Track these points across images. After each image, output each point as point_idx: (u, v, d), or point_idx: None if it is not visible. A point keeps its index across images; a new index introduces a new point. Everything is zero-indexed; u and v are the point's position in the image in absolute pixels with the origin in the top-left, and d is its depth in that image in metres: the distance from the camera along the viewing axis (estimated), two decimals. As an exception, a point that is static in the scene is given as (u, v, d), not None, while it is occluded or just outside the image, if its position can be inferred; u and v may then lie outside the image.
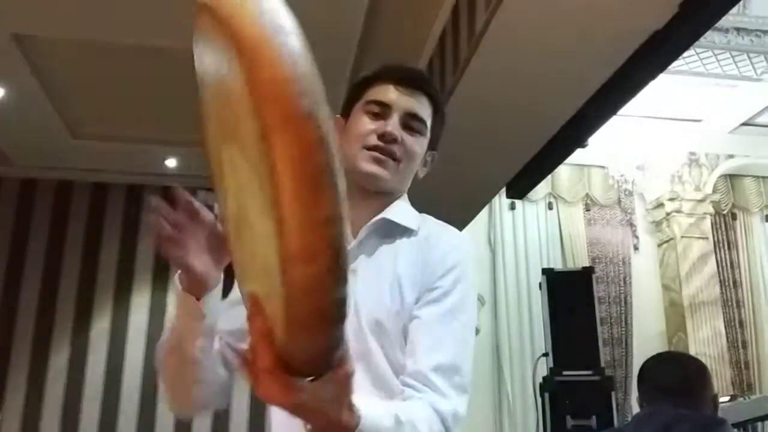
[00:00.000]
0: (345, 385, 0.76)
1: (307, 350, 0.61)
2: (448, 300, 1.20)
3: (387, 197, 1.34)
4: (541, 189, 6.90)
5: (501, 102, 3.56)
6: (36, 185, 5.45)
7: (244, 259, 0.71)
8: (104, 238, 5.46)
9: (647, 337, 7.00)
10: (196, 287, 1.12)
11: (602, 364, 4.98)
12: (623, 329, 7.13)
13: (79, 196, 5.45)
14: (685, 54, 6.50)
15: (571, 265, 6.83)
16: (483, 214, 7.05)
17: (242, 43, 0.50)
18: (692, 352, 6.41)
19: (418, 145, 1.34)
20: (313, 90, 0.51)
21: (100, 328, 5.35)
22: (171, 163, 5.14)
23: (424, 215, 1.38)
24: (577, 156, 6.11)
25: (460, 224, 5.33)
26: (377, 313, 1.20)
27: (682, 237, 7.04)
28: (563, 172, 7.04)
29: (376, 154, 1.28)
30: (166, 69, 3.98)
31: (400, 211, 1.33)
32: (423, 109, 1.34)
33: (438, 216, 1.38)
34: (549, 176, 6.98)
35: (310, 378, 0.68)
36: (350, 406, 0.81)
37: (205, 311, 1.13)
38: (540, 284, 5.29)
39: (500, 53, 3.21)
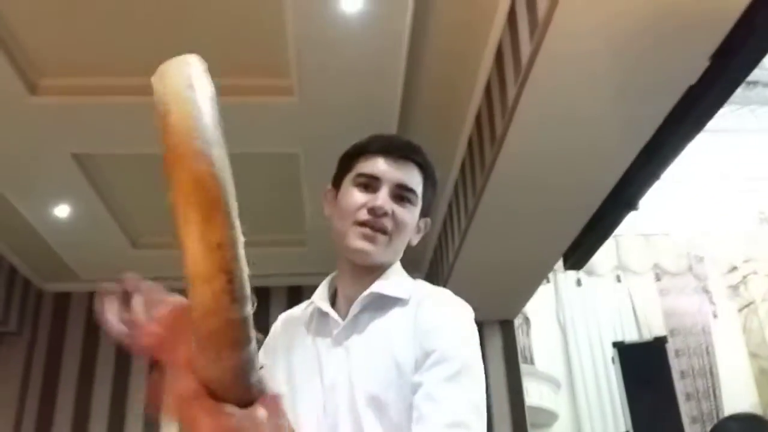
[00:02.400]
0: (276, 409, 0.73)
1: (220, 374, 0.62)
2: (453, 362, 1.16)
3: (378, 270, 1.33)
4: (608, 262, 6.77)
5: (542, 174, 3.52)
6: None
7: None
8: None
9: (739, 410, 6.59)
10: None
11: (688, 440, 4.70)
12: (713, 404, 6.76)
13: (144, 305, 5.59)
14: (740, 112, 6.43)
15: (646, 338, 6.57)
16: (549, 294, 6.93)
17: (161, 97, 0.60)
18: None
19: (409, 215, 1.34)
20: (208, 133, 0.59)
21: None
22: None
23: (419, 281, 1.37)
24: (641, 225, 6.00)
25: (520, 301, 5.23)
26: (372, 388, 1.18)
27: (763, 300, 6.72)
28: (628, 243, 6.89)
29: (366, 230, 1.29)
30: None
31: (392, 282, 1.32)
32: (413, 178, 1.35)
33: (496, 296, 1.35)
34: (614, 249, 6.86)
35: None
36: None
37: None
38: (612, 359, 5.10)
39: (534, 125, 3.20)
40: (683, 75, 2.91)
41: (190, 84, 0.62)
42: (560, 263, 4.82)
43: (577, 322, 6.78)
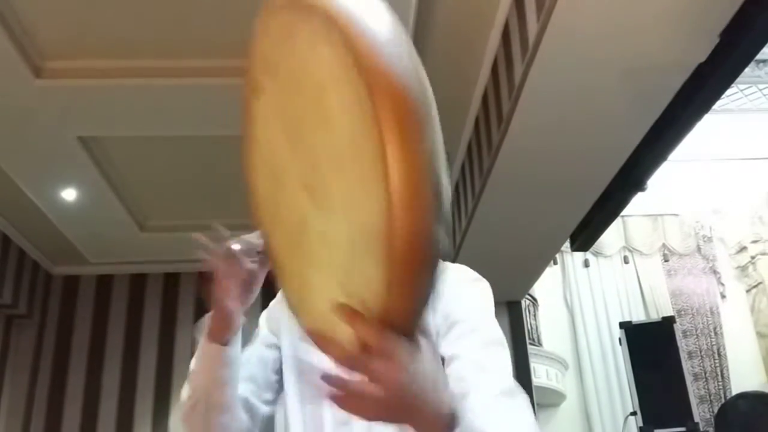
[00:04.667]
0: (432, 348, 0.74)
1: (411, 306, 0.61)
2: (484, 331, 1.15)
3: None
4: (615, 243, 6.75)
5: (550, 153, 3.51)
6: (111, 281, 5.69)
7: (306, 265, 0.73)
8: (178, 325, 5.60)
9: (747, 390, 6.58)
10: (223, 331, 1.15)
11: (696, 419, 4.69)
12: (720, 384, 6.75)
13: (152, 288, 5.66)
14: (749, 91, 6.37)
15: (654, 318, 6.55)
16: (556, 274, 6.92)
17: (338, 20, 0.58)
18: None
19: None
20: (408, 51, 0.59)
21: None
22: (237, 246, 5.25)
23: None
24: (649, 205, 5.98)
25: (527, 282, 5.22)
26: None
27: (771, 280, 6.70)
28: (636, 223, 6.87)
29: None
30: (224, 156, 4.12)
31: None
32: None
33: (504, 278, 1.33)
34: (622, 229, 6.83)
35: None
36: (447, 391, 0.78)
37: (232, 356, 1.16)
38: (619, 339, 5.08)
39: (541, 105, 3.18)
40: (693, 53, 2.88)
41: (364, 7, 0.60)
42: (567, 244, 4.81)
43: (584, 302, 6.78)
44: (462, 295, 1.19)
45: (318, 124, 0.64)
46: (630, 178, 3.75)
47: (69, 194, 4.55)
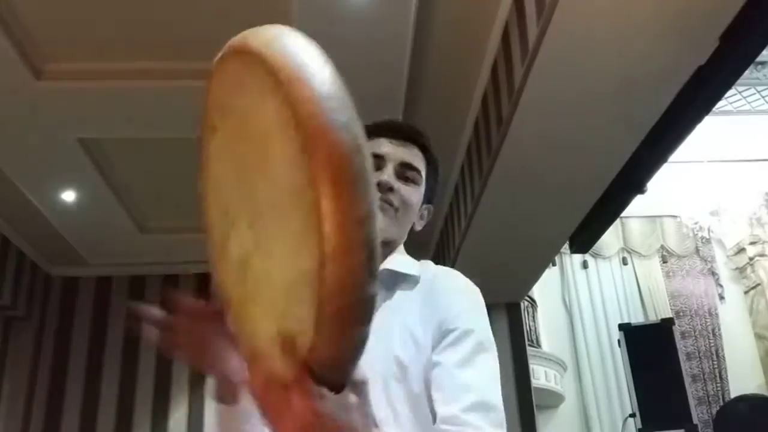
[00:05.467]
0: (364, 395, 0.72)
1: (335, 354, 0.62)
2: (467, 341, 1.17)
3: (386, 247, 1.33)
4: (613, 244, 6.76)
5: (550, 155, 3.51)
6: (110, 282, 5.67)
7: (249, 298, 0.73)
8: (177, 328, 5.59)
9: (746, 392, 6.59)
10: (232, 391, 1.06)
11: (695, 421, 4.70)
12: (718, 385, 6.76)
13: (151, 290, 5.63)
14: (747, 93, 6.38)
15: (652, 320, 6.56)
16: (555, 276, 6.93)
17: (279, 74, 0.59)
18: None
19: (414, 194, 1.35)
20: (346, 106, 0.59)
21: (178, 415, 5.43)
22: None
23: (425, 261, 1.37)
24: (647, 207, 5.99)
25: (526, 284, 5.22)
26: (397, 357, 1.18)
27: (769, 281, 6.71)
28: (634, 225, 6.87)
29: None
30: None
31: (400, 261, 1.33)
32: (416, 159, 1.36)
33: (503, 279, 1.35)
34: (620, 231, 6.84)
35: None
36: (376, 423, 0.76)
37: (250, 408, 1.01)
38: (618, 341, 5.09)
39: (542, 107, 3.18)
40: (693, 55, 2.88)
41: (307, 54, 0.61)
42: (566, 246, 4.82)
43: (583, 304, 6.79)
44: (452, 304, 1.22)
45: (261, 172, 0.66)
46: (629, 180, 3.75)
47: (68, 196, 4.55)
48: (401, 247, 1.38)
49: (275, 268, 0.66)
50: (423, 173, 1.37)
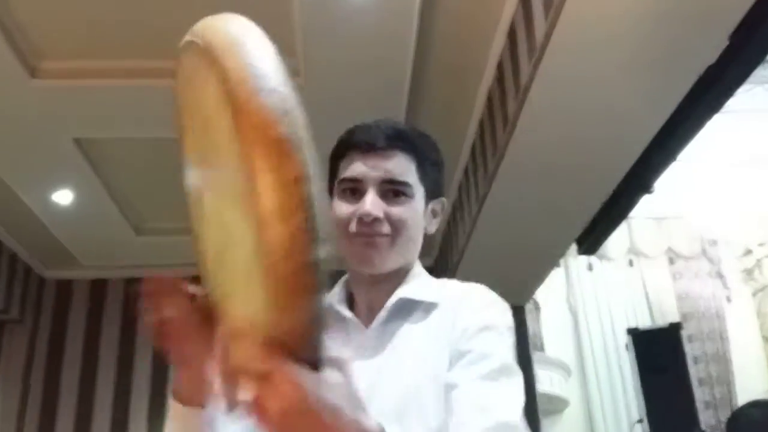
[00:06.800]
0: (347, 373, 0.68)
1: (292, 329, 0.60)
2: (491, 360, 1.06)
3: (398, 274, 1.22)
4: (620, 246, 6.69)
5: (556, 156, 3.44)
6: (105, 285, 5.62)
7: (226, 293, 0.74)
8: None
9: (753, 396, 6.48)
10: (200, 395, 0.98)
11: (703, 427, 4.63)
12: (726, 389, 6.68)
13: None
14: (755, 92, 6.30)
15: (660, 324, 6.48)
16: (560, 278, 6.85)
17: (213, 51, 0.63)
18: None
19: (407, 210, 1.21)
20: (276, 73, 0.61)
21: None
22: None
23: (445, 281, 1.26)
24: (654, 208, 5.91)
25: (531, 286, 5.15)
26: (405, 398, 1.08)
27: (777, 283, 6.63)
28: (641, 226, 6.79)
29: (363, 239, 1.17)
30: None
31: (418, 285, 1.22)
32: (400, 168, 1.21)
33: (507, 282, 1.24)
34: (626, 232, 6.77)
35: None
36: (364, 407, 0.72)
37: (211, 418, 1.00)
38: (626, 345, 5.04)
39: (549, 108, 3.12)
40: (702, 55, 2.85)
41: (241, 30, 0.65)
42: (572, 248, 4.75)
43: (588, 307, 6.71)
44: (474, 322, 1.12)
45: (218, 157, 0.68)
46: (637, 181, 3.73)
47: (63, 196, 4.49)
48: (417, 269, 1.27)
49: (239, 253, 0.65)
50: (414, 180, 1.22)
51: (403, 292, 1.19)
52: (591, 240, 4.41)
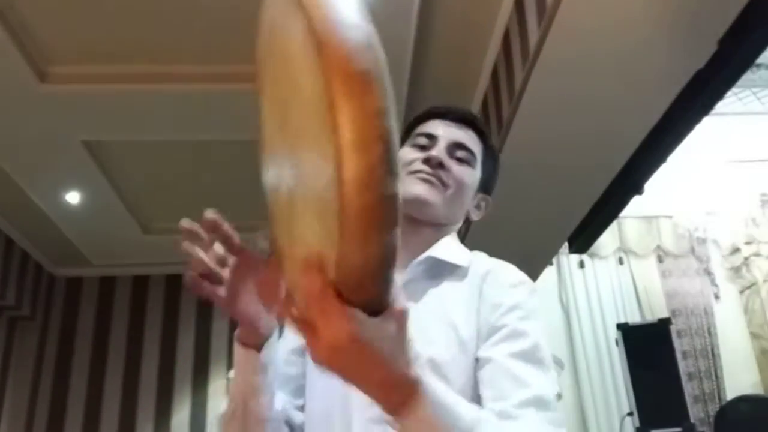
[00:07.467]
0: (403, 325, 0.67)
1: (363, 262, 0.58)
2: (524, 338, 1.07)
3: (436, 231, 1.24)
4: (610, 244, 6.79)
5: (548, 157, 3.55)
6: (114, 282, 5.72)
7: (294, 239, 0.73)
8: (180, 328, 5.62)
9: (741, 390, 6.63)
10: (252, 337, 1.04)
11: (692, 420, 4.75)
12: (714, 383, 6.79)
13: (155, 290, 5.68)
14: (743, 95, 6.43)
15: (649, 320, 6.59)
16: (552, 275, 6.96)
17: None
18: (790, 400, 6.03)
19: (467, 174, 1.26)
20: (360, 11, 0.60)
21: (181, 416, 5.45)
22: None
23: (477, 252, 1.28)
24: (643, 207, 6.03)
25: (526, 284, 5.24)
26: (433, 356, 1.06)
27: (764, 281, 6.75)
28: (630, 225, 6.90)
29: (423, 175, 1.20)
30: (227, 159, 4.17)
31: (449, 248, 1.23)
32: (471, 141, 1.28)
33: None
34: (617, 231, 6.89)
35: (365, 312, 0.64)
36: (411, 358, 0.71)
37: (265, 362, 1.05)
38: (616, 340, 5.14)
39: (542, 109, 3.23)
40: (691, 59, 2.92)
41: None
42: (564, 246, 4.85)
43: (579, 303, 6.81)
44: (510, 299, 1.12)
45: (294, 98, 0.67)
46: (628, 182, 3.80)
47: (73, 197, 4.58)
48: (453, 234, 1.29)
49: (309, 192, 0.64)
50: (478, 156, 1.29)
51: (433, 251, 1.20)
52: (582, 239, 4.51)
